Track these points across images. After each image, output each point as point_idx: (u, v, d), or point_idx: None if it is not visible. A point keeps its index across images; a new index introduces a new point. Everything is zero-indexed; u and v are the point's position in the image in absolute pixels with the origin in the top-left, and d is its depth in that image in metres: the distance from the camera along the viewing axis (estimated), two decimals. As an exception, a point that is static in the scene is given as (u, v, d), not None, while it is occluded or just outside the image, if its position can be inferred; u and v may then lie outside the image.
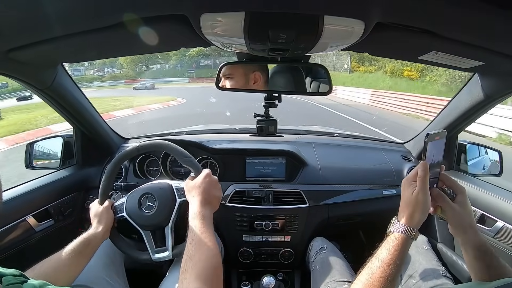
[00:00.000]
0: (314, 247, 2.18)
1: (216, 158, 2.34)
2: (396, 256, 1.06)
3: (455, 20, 0.98)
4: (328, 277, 1.83)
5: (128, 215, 1.67)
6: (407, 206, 1.13)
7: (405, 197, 1.16)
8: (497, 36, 1.07)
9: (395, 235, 1.10)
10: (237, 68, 1.93)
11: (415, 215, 1.11)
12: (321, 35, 1.11)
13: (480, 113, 1.95)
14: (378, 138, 2.95)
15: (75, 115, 2.07)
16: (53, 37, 1.18)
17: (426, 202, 1.11)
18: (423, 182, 1.11)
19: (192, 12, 1.01)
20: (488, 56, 1.26)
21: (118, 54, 1.80)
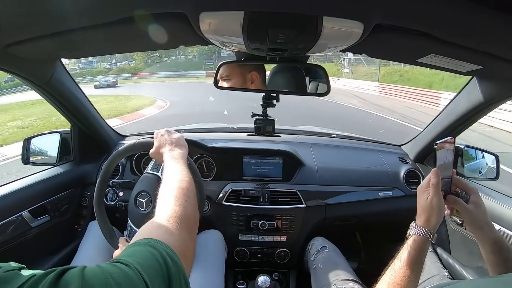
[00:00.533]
0: (315, 246, 2.18)
1: (213, 157, 2.34)
2: (416, 256, 1.14)
3: (453, 23, 0.98)
4: (333, 276, 1.83)
5: (136, 226, 1.66)
6: (423, 212, 1.20)
7: (421, 203, 1.22)
8: (496, 40, 1.07)
9: (414, 237, 1.17)
10: (233, 69, 1.92)
11: (432, 219, 1.17)
12: (320, 35, 1.11)
13: (477, 117, 1.95)
14: (375, 139, 2.95)
15: (73, 111, 2.06)
16: (52, 32, 1.17)
17: (440, 206, 1.17)
18: (436, 188, 1.18)
19: (191, 10, 1.01)
20: (486, 60, 1.26)
21: (116, 51, 1.79)
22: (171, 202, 1.05)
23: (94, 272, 0.60)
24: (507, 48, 1.13)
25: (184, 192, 1.13)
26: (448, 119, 2.10)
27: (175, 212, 0.98)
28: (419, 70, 27.86)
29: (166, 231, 0.87)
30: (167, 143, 1.52)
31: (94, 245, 1.72)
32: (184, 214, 0.99)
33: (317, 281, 1.90)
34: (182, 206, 1.03)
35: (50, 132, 2.28)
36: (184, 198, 1.09)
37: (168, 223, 0.91)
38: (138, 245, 0.73)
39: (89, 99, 2.18)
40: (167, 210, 0.99)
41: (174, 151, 1.45)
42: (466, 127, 2.10)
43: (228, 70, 1.91)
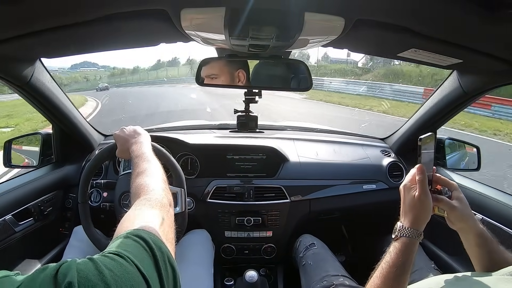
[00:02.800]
0: (303, 243, 2.18)
1: (197, 154, 2.33)
2: (405, 259, 1.09)
3: (434, 18, 0.99)
4: (322, 271, 1.84)
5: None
6: (411, 210, 1.15)
7: (407, 202, 1.17)
8: (475, 35, 1.09)
9: (403, 239, 1.12)
10: (221, 67, 1.90)
11: (421, 217, 1.13)
12: (301, 31, 1.11)
13: (458, 110, 1.98)
14: (358, 133, 2.97)
15: (54, 112, 2.02)
16: (30, 31, 1.15)
17: (429, 202, 1.13)
18: (423, 185, 1.13)
19: (172, 7, 1.00)
20: (466, 54, 1.28)
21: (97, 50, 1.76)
22: (142, 189, 1.07)
23: (86, 265, 0.60)
24: (486, 42, 1.14)
25: (153, 176, 1.18)
26: (429, 112, 2.13)
27: (147, 198, 0.99)
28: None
29: (144, 219, 0.86)
30: (128, 139, 1.56)
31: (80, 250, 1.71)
32: (156, 197, 1.01)
33: (307, 277, 1.91)
34: (153, 191, 1.06)
35: (31, 134, 2.25)
36: (154, 182, 1.13)
37: (145, 211, 0.92)
38: (122, 237, 0.73)
39: (70, 99, 2.14)
40: (141, 198, 1.01)
41: (137, 144, 1.48)
42: (446, 120, 2.13)
43: (216, 69, 1.89)
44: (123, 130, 1.63)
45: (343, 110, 19.62)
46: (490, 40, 1.12)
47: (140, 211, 0.92)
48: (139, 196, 1.03)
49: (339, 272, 1.81)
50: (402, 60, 1.54)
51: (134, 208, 0.94)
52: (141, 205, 0.95)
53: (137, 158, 1.34)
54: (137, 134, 1.58)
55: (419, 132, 2.28)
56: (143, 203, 0.96)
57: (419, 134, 1.15)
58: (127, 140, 1.55)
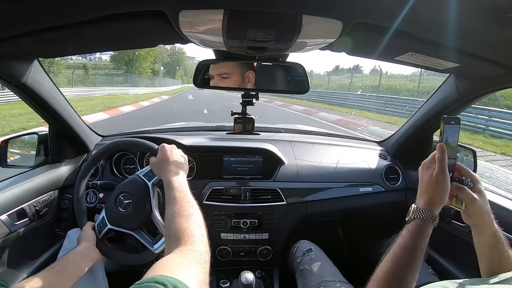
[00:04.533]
0: (300, 249, 2.18)
1: (193, 156, 2.33)
2: (418, 242, 1.06)
3: (431, 22, 1.00)
4: (319, 277, 1.84)
5: (112, 224, 1.66)
6: (427, 189, 1.12)
7: (424, 180, 1.14)
8: (473, 39, 1.09)
9: (416, 221, 1.09)
10: (233, 68, 1.91)
11: (436, 198, 1.10)
12: (299, 34, 1.11)
13: (455, 113, 1.98)
14: (355, 136, 2.98)
15: (51, 112, 2.01)
16: (28, 31, 1.15)
17: (446, 183, 1.09)
18: (442, 163, 1.10)
19: (171, 9, 1.00)
20: (463, 58, 1.29)
21: (95, 50, 1.77)
22: (188, 237, 1.07)
23: None
24: (484, 46, 1.15)
25: (200, 226, 1.17)
26: (425, 116, 2.14)
27: (194, 250, 1.00)
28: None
29: (190, 271, 0.88)
30: (173, 163, 1.53)
31: None
32: (202, 252, 1.02)
33: (304, 283, 1.91)
34: (200, 245, 1.05)
35: (28, 133, 2.23)
36: (201, 234, 1.13)
37: (193, 265, 0.93)
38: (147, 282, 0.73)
39: (67, 99, 2.14)
40: (187, 247, 1.02)
41: (178, 176, 1.46)
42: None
43: (228, 69, 1.90)
44: (175, 151, 1.61)
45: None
46: (487, 44, 1.12)
47: (187, 262, 0.93)
48: (183, 243, 1.03)
49: (336, 278, 1.81)
50: (399, 64, 1.54)
51: (181, 254, 0.96)
52: (190, 256, 0.96)
53: (177, 192, 1.32)
54: (181, 164, 1.56)
55: (416, 136, 2.30)
56: (191, 255, 0.97)
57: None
58: (171, 164, 1.52)
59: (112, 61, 63.02)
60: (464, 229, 1.90)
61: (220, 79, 1.91)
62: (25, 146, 2.19)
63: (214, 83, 1.92)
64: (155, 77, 63.76)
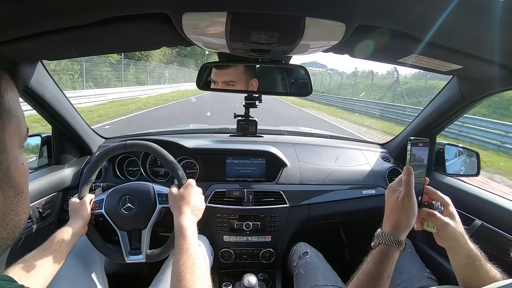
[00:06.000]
0: (297, 252, 2.18)
1: (196, 158, 2.33)
2: (383, 269, 1.03)
3: (434, 24, 0.99)
4: (312, 281, 1.83)
5: (106, 213, 1.67)
6: (392, 214, 1.10)
7: (390, 204, 1.12)
8: (476, 41, 1.09)
9: (381, 247, 1.06)
10: (239, 76, 1.92)
11: (402, 223, 1.07)
12: (302, 36, 1.11)
13: (458, 115, 1.98)
14: (358, 138, 2.97)
15: (54, 114, 2.02)
16: (31, 33, 1.15)
17: (413, 207, 1.06)
18: (409, 186, 1.07)
19: (174, 11, 1.00)
20: (466, 60, 1.28)
21: (98, 53, 1.77)
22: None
23: None
24: (487, 48, 1.15)
25: (204, 284, 1.20)
26: (428, 118, 2.14)
27: None
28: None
29: None
30: (191, 207, 1.53)
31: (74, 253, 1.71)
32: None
33: (298, 287, 1.92)
34: None
35: (31, 136, 2.23)
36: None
37: None
38: None
39: (70, 101, 2.14)
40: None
41: (192, 222, 1.47)
42: (446, 126, 2.14)
43: (234, 77, 1.91)
44: (197, 193, 1.63)
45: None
46: (491, 46, 1.12)
47: None
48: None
49: (328, 282, 1.80)
50: (402, 66, 1.54)
51: None
52: None
53: (188, 244, 1.33)
54: (198, 211, 1.57)
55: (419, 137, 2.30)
56: None
57: (411, 137, 1.15)
58: (188, 205, 1.53)
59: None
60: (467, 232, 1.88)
61: (225, 86, 1.92)
62: (28, 148, 2.19)
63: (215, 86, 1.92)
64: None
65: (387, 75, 42.24)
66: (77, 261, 1.68)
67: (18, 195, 0.66)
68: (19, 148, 0.69)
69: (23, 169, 0.69)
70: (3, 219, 0.61)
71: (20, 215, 0.67)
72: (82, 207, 1.64)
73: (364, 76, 45.45)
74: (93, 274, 1.71)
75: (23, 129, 0.70)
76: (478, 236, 1.81)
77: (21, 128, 0.69)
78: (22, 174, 0.68)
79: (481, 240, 1.81)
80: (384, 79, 39.20)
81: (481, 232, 1.81)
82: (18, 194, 0.66)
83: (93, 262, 1.76)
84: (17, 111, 0.68)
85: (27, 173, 0.72)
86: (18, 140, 0.68)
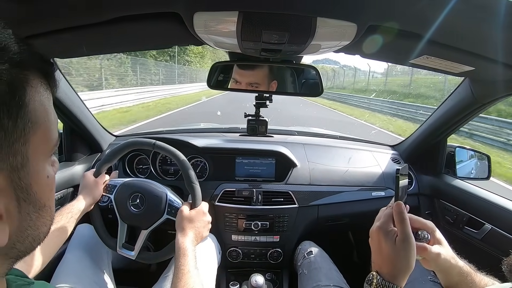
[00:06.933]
0: (302, 251, 2.19)
1: (206, 157, 2.34)
2: None
3: (446, 25, 0.99)
4: (314, 281, 1.83)
5: (115, 201, 1.70)
6: (390, 260, 0.94)
7: (386, 249, 0.95)
8: (489, 42, 1.08)
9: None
10: (263, 78, 1.92)
11: (402, 269, 0.93)
12: (314, 37, 1.11)
13: (469, 118, 1.97)
14: (368, 140, 2.96)
15: (66, 111, 2.05)
16: (43, 32, 1.16)
17: (413, 248, 0.93)
18: (405, 226, 0.93)
19: (185, 11, 1.00)
20: (479, 62, 1.27)
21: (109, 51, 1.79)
22: None
23: None
24: (499, 50, 1.14)
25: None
26: (440, 120, 2.12)
27: None
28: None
29: None
30: (196, 230, 1.53)
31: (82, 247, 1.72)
32: None
33: (301, 287, 1.91)
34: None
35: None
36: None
37: None
38: None
39: (81, 98, 2.16)
40: None
41: (193, 245, 1.47)
42: (457, 129, 2.12)
43: (258, 79, 1.92)
44: (205, 221, 1.62)
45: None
46: (503, 48, 1.11)
47: None
48: None
49: (330, 282, 1.79)
50: (414, 67, 1.53)
51: None
52: None
53: (186, 267, 1.34)
54: (200, 236, 1.57)
55: (429, 140, 2.28)
56: None
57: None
58: (193, 228, 1.53)
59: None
60: (477, 235, 1.88)
61: (248, 86, 1.93)
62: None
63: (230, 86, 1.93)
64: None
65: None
66: (85, 256, 1.69)
67: (39, 209, 0.60)
68: (46, 158, 0.63)
69: (47, 182, 0.62)
70: (20, 235, 0.56)
71: (40, 229, 0.62)
72: (96, 186, 1.69)
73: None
74: (100, 268, 1.73)
75: (53, 136, 0.63)
76: (488, 240, 1.79)
77: (50, 137, 0.62)
78: (46, 188, 0.62)
79: (491, 244, 1.79)
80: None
81: (491, 236, 1.80)
82: (39, 209, 0.60)
83: (100, 257, 1.79)
84: (46, 119, 0.61)
85: (52, 186, 0.66)
86: (45, 150, 0.61)
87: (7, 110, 0.50)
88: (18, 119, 0.52)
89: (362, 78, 43.60)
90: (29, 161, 0.55)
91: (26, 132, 0.54)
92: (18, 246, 0.58)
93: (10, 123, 0.50)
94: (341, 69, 54.15)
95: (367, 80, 40.67)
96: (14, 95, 0.51)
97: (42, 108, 0.59)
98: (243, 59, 1.75)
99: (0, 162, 0.50)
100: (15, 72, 0.52)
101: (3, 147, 0.50)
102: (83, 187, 1.68)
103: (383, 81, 37.06)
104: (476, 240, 1.88)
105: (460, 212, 2.05)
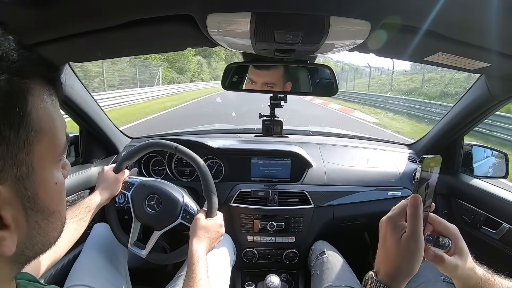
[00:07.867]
0: (315, 251, 2.18)
1: (221, 158, 2.35)
2: None
3: (462, 21, 0.98)
4: (326, 282, 1.82)
5: (131, 199, 1.73)
6: (389, 256, 0.85)
7: (390, 244, 0.86)
8: (504, 37, 1.07)
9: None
10: (279, 79, 1.94)
11: (402, 269, 0.83)
12: (328, 36, 1.11)
13: (486, 115, 1.94)
14: (384, 139, 2.94)
15: (82, 114, 2.07)
16: (60, 36, 1.18)
17: (419, 250, 0.81)
18: (416, 223, 0.81)
19: (199, 13, 1.01)
20: (495, 58, 1.26)
21: (125, 54, 1.81)
22: None
23: None
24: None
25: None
26: (456, 117, 2.10)
27: None
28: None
29: None
30: (209, 240, 1.53)
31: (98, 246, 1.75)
32: None
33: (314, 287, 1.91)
34: None
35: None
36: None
37: None
38: None
39: (97, 101, 2.19)
40: None
41: (205, 253, 1.47)
42: (474, 126, 2.10)
43: (274, 79, 1.93)
44: (219, 232, 1.62)
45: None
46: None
47: None
48: None
49: (343, 283, 1.78)
50: (428, 64, 1.51)
51: None
52: None
53: (198, 269, 1.36)
54: (213, 243, 1.57)
55: (446, 139, 2.26)
56: None
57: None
58: (207, 237, 1.53)
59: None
60: (495, 235, 1.85)
61: (264, 87, 1.95)
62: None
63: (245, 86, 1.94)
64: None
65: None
66: (100, 255, 1.71)
67: (48, 216, 0.60)
68: (54, 164, 0.62)
69: (55, 188, 0.62)
70: (29, 243, 0.57)
71: (50, 234, 0.61)
72: (116, 182, 1.72)
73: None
74: (116, 268, 1.75)
75: (60, 142, 0.62)
76: (506, 240, 1.77)
77: (57, 143, 0.61)
78: (54, 194, 0.61)
79: (509, 244, 1.77)
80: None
81: (509, 236, 1.77)
82: (48, 216, 0.60)
83: (116, 256, 1.81)
84: (52, 126, 0.59)
85: (62, 191, 0.67)
86: (52, 157, 0.60)
87: (7, 121, 0.49)
88: (20, 129, 0.51)
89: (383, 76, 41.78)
90: (35, 170, 0.55)
91: (29, 142, 0.53)
92: (27, 253, 0.58)
93: (11, 134, 0.50)
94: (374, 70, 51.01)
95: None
96: (14, 106, 0.51)
97: (46, 115, 0.58)
98: (257, 60, 1.76)
99: (4, 173, 0.50)
100: (14, 82, 0.51)
101: (6, 159, 0.50)
102: (101, 181, 1.71)
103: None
104: (493, 240, 1.86)
105: (478, 211, 2.02)
